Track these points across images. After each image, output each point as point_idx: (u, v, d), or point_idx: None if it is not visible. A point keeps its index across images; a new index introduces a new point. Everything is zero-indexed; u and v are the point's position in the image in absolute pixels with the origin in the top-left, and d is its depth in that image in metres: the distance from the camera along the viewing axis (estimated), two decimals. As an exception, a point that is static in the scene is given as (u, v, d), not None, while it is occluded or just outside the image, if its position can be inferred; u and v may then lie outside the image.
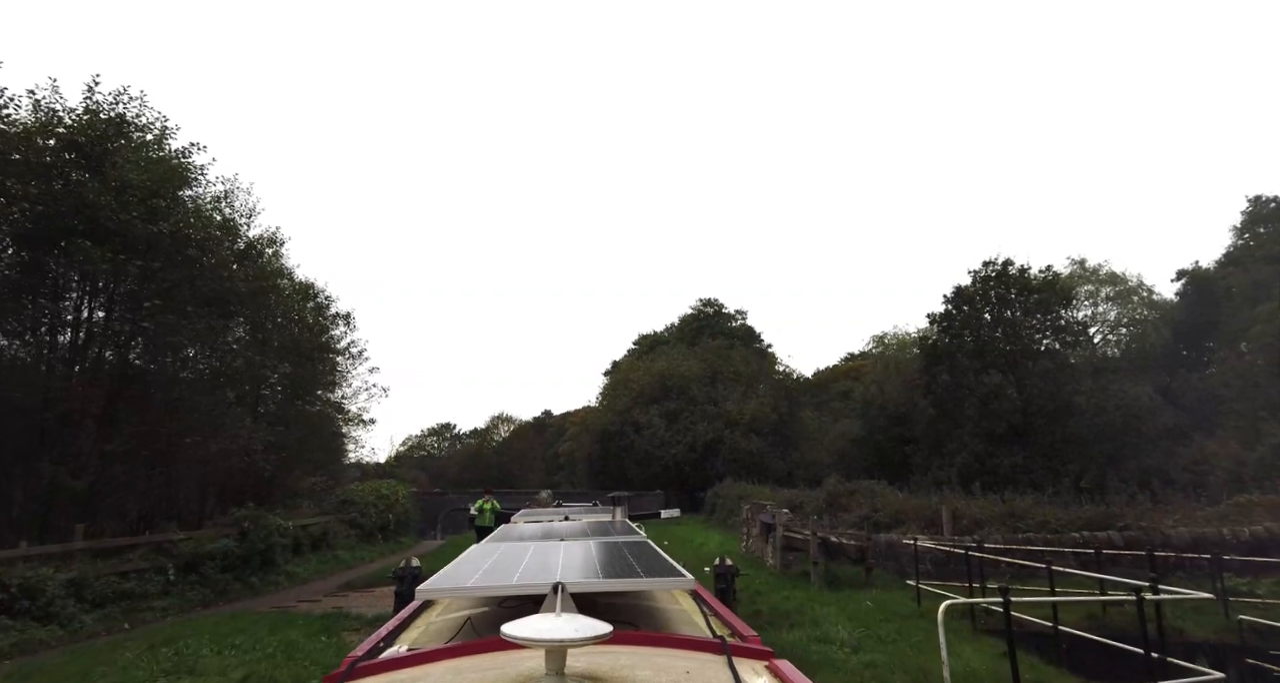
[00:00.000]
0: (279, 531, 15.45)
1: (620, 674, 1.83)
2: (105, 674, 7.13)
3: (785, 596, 12.56)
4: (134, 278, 13.97)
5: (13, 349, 14.73)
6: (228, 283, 18.31)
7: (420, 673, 1.97)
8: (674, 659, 2.05)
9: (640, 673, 1.85)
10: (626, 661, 1.96)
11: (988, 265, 39.81)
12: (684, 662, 2.02)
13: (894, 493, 18.19)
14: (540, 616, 1.87)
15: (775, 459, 46.40)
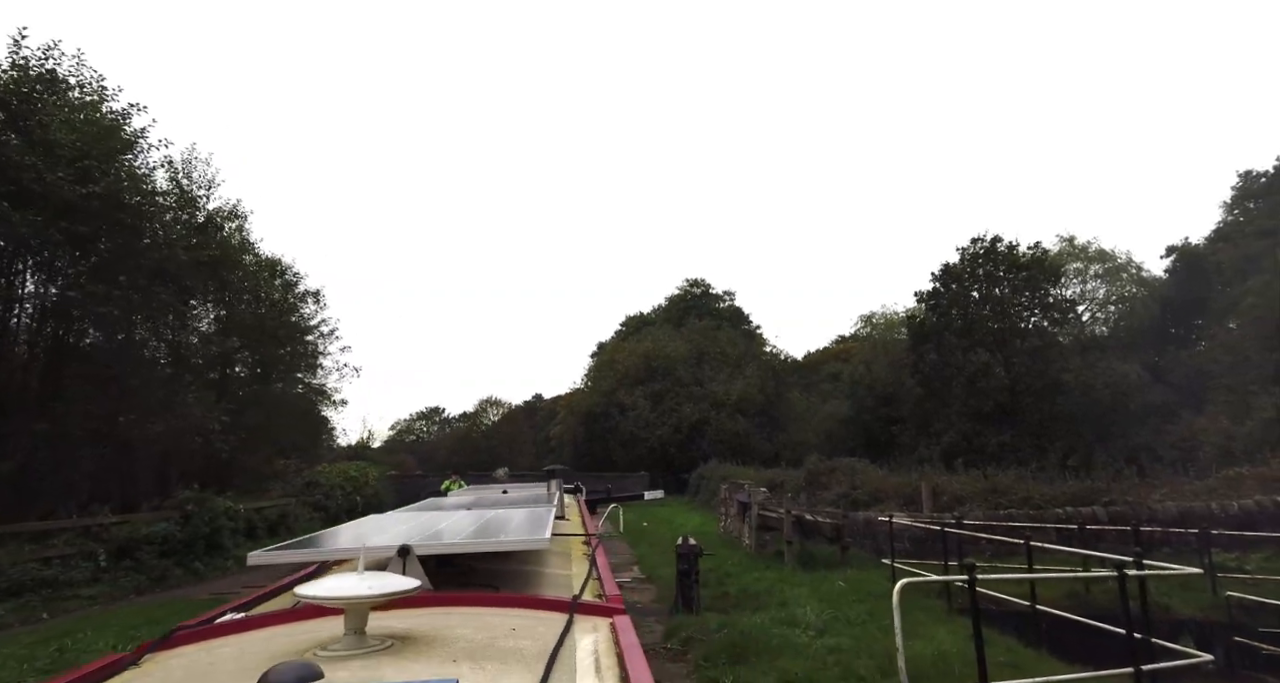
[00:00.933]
0: (227, 513, 14.66)
1: (437, 633, 1.80)
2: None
3: (757, 577, 11.93)
4: (58, 244, 13.03)
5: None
6: (179, 255, 17.39)
7: (232, 640, 1.93)
8: (509, 618, 2.02)
9: (460, 631, 1.83)
10: (453, 621, 1.93)
11: (976, 242, 39.29)
12: (521, 621, 2.00)
13: (875, 471, 17.58)
14: (341, 575, 1.78)
15: (762, 440, 45.94)
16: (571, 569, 3.51)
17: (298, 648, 1.70)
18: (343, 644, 1.66)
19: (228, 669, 1.68)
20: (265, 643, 1.84)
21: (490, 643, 1.80)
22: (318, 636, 1.81)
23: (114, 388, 15.02)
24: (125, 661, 1.80)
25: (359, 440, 33.59)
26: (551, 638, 1.83)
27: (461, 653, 1.71)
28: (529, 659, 1.68)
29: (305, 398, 28.13)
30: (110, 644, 7.38)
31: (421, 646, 1.73)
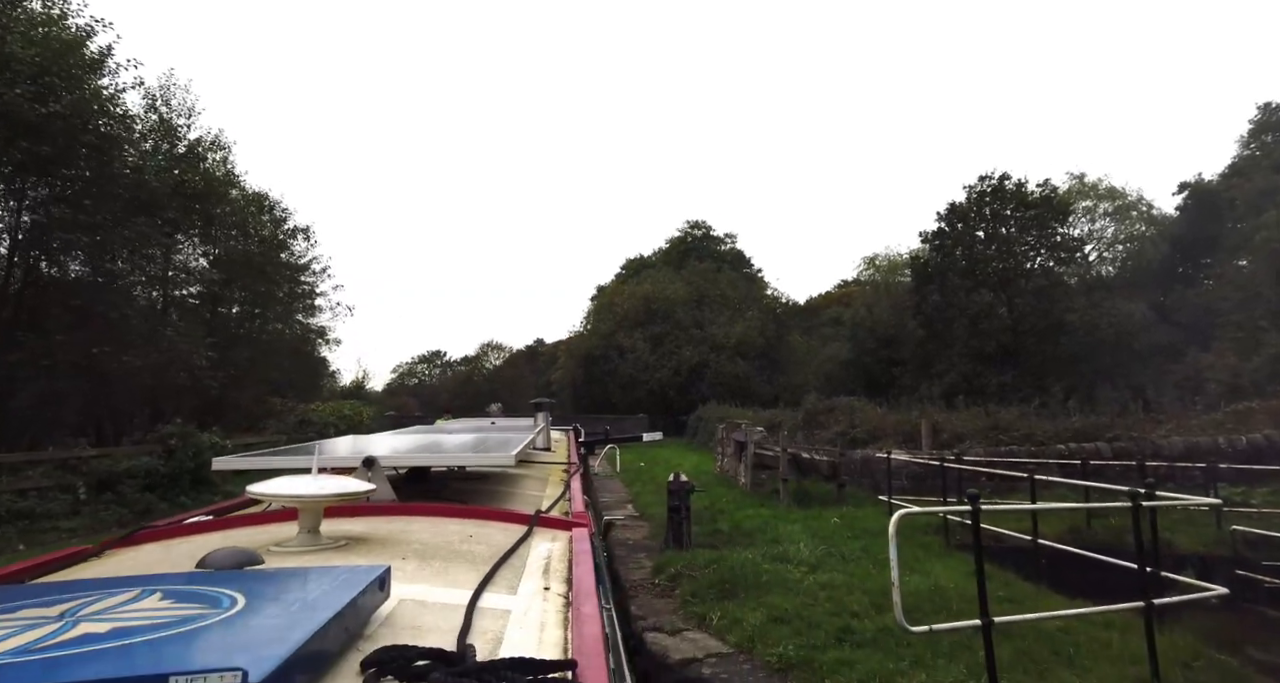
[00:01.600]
0: (213, 448, 14.38)
1: (392, 536, 1.84)
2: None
3: (750, 513, 11.70)
4: (19, 166, 12.31)
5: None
6: (159, 184, 16.66)
7: (190, 540, 1.96)
8: (468, 527, 2.06)
9: (417, 536, 1.89)
10: (412, 527, 1.97)
11: (983, 180, 38.29)
12: (479, 529, 2.04)
13: (874, 409, 17.24)
14: (295, 477, 1.80)
15: (762, 383, 45.83)
16: (545, 492, 3.52)
17: (253, 545, 1.67)
18: (295, 542, 1.67)
19: (180, 562, 1.69)
20: (221, 540, 1.86)
21: (444, 545, 1.82)
22: (275, 536, 1.83)
23: (97, 321, 14.58)
24: (86, 553, 1.83)
25: (354, 381, 33.30)
26: (503, 544, 1.87)
27: (412, 553, 1.71)
28: (478, 561, 1.69)
29: (299, 337, 27.76)
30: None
31: (374, 545, 1.74)
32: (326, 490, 1.66)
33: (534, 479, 3.90)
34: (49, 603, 1.06)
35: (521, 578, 1.63)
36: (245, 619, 0.99)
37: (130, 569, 1.69)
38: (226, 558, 1.38)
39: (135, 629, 0.92)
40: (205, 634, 0.92)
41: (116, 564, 1.76)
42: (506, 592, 1.51)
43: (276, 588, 1.15)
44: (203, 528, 2.11)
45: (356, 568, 1.29)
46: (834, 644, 5.14)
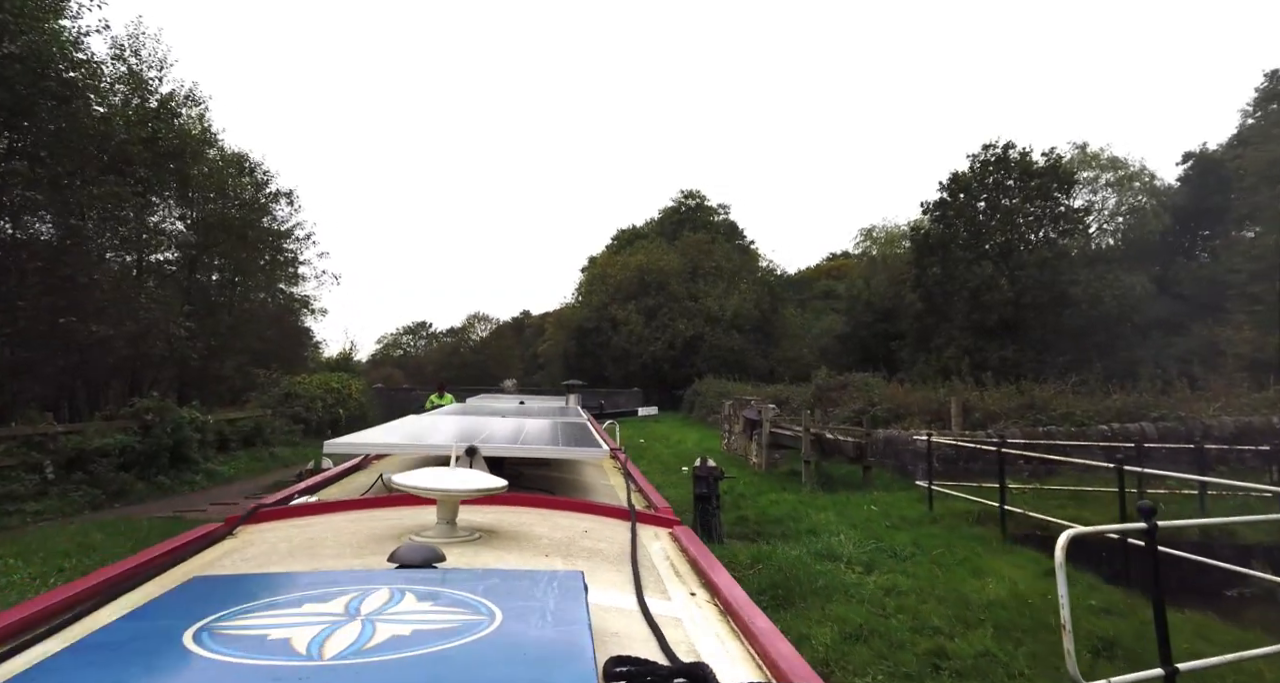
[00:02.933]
0: (193, 424, 13.42)
1: (516, 529, 1.86)
2: None
3: (773, 499, 10.95)
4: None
5: None
6: (128, 139, 15.39)
7: (315, 521, 2.01)
8: (578, 521, 2.10)
9: (537, 529, 1.90)
10: (524, 519, 2.00)
11: (987, 149, 37.42)
12: (588, 524, 2.07)
13: (896, 386, 16.46)
14: (434, 469, 1.85)
15: (757, 357, 45.22)
16: (609, 481, 3.54)
17: (391, 531, 1.78)
18: (435, 532, 1.70)
19: (328, 543, 1.73)
20: (356, 524, 1.91)
21: (570, 541, 1.83)
22: (403, 522, 1.88)
23: (65, 286, 13.46)
24: (218, 532, 1.86)
25: (341, 352, 32.18)
26: (622, 541, 1.88)
27: (548, 549, 1.74)
28: (611, 559, 1.72)
29: (281, 306, 26.61)
30: (33, 572, 6.19)
31: (506, 539, 1.77)
32: (469, 485, 1.68)
33: (591, 466, 3.85)
34: (320, 598, 1.04)
35: (663, 581, 1.62)
36: (521, 629, 0.97)
37: (273, 553, 1.69)
38: (416, 553, 1.34)
39: (430, 635, 0.91)
40: (506, 646, 0.91)
41: (264, 544, 1.78)
42: (660, 596, 1.47)
43: (512, 593, 1.11)
44: (327, 509, 2.14)
45: (559, 572, 1.27)
46: (930, 673, 4.38)
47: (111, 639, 0.91)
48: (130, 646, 0.89)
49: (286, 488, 2.96)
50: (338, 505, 2.18)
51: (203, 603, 1.02)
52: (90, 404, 16.88)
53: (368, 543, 1.67)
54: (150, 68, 19.88)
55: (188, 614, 0.97)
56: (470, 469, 1.90)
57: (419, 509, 1.96)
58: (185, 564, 1.60)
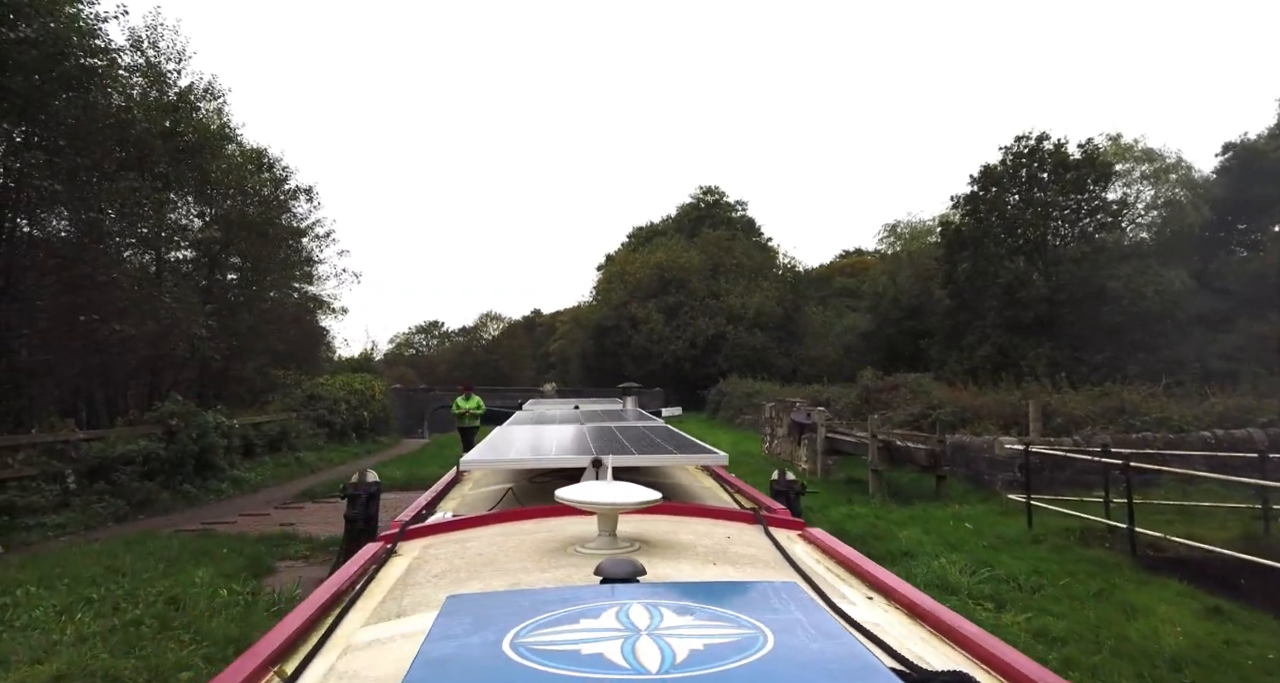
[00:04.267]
0: (218, 429, 12.74)
1: (665, 538, 1.86)
2: None
3: (844, 512, 10.15)
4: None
5: None
6: (149, 134, 14.73)
7: (471, 535, 2.05)
8: (714, 527, 2.09)
9: (683, 537, 1.91)
10: (664, 527, 2.00)
11: (1020, 141, 36.34)
12: (722, 529, 2.07)
13: (960, 387, 15.54)
14: (591, 483, 1.88)
15: (780, 356, 44.44)
16: (703, 483, 3.53)
17: (553, 543, 1.80)
18: (598, 543, 1.72)
19: (502, 557, 1.75)
20: (513, 538, 1.92)
21: (721, 549, 1.83)
22: (561, 534, 1.88)
23: (84, 285, 12.84)
24: (382, 552, 1.88)
25: (362, 352, 31.53)
26: (766, 546, 1.89)
27: (709, 556, 1.74)
28: (771, 564, 1.72)
29: (300, 305, 25.99)
30: (58, 604, 5.48)
31: (663, 549, 1.76)
32: (631, 498, 1.65)
33: (681, 470, 3.80)
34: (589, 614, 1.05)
35: (833, 586, 1.56)
36: (800, 642, 0.97)
37: (462, 568, 1.71)
38: (620, 567, 1.33)
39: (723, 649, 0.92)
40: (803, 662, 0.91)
41: (438, 563, 1.78)
42: (843, 602, 1.39)
43: (753, 606, 1.10)
44: (466, 525, 2.16)
45: (774, 583, 1.24)
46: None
47: (440, 654, 0.93)
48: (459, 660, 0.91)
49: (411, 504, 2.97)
50: (483, 519, 2.20)
51: (477, 620, 1.04)
52: (109, 408, 16.28)
53: (542, 556, 1.71)
54: (169, 60, 19.23)
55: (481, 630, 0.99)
56: (618, 482, 1.88)
57: (561, 520, 2.02)
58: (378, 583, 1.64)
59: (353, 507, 7.78)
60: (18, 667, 4.20)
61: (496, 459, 2.90)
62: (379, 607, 1.44)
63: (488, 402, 16.34)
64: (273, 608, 5.53)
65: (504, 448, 3.15)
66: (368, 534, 7.97)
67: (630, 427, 4.05)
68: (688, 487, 3.36)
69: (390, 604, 1.45)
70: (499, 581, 1.55)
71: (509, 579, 1.55)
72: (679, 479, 3.51)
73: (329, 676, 1.09)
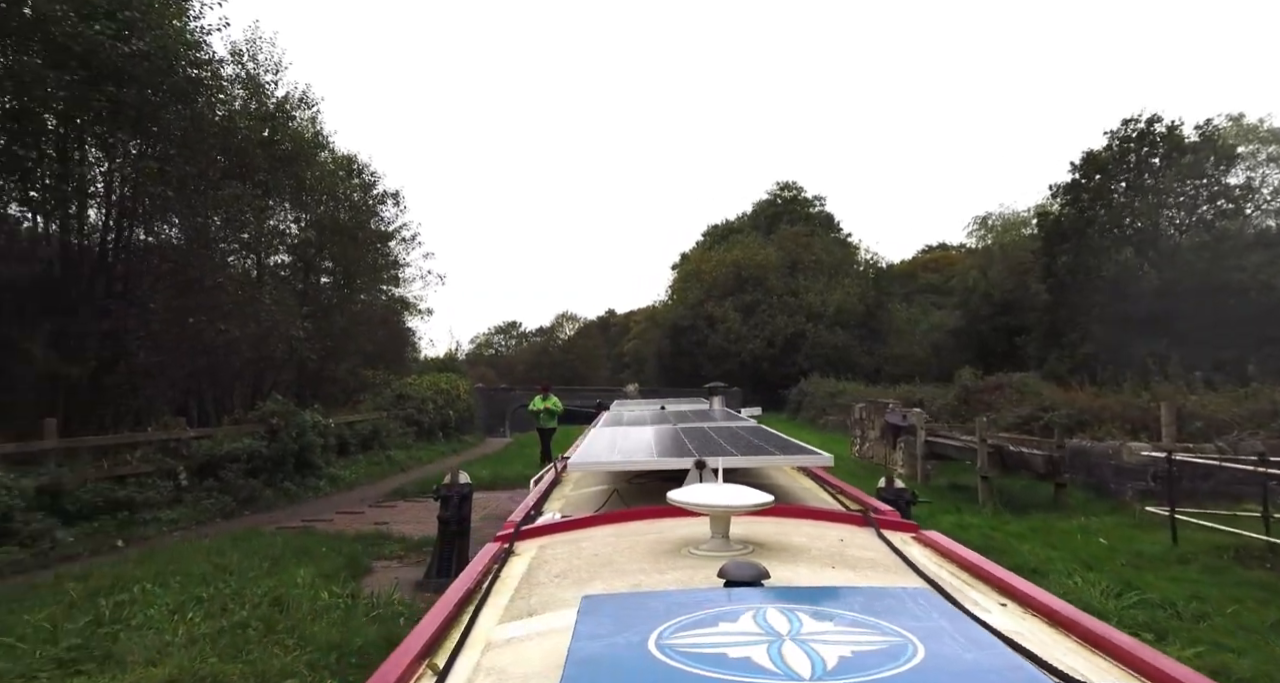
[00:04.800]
0: (315, 428, 13.10)
1: (778, 540, 1.84)
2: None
3: (953, 521, 9.45)
4: (101, 113, 10.93)
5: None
6: (251, 144, 15.37)
7: (582, 535, 2.06)
8: (824, 529, 2.06)
9: (796, 540, 1.87)
10: (775, 529, 1.97)
11: (1128, 124, 33.87)
12: (834, 531, 2.04)
13: (1076, 388, 14.39)
14: (703, 485, 1.89)
15: (862, 354, 43.03)
16: (802, 484, 3.47)
17: (667, 545, 1.79)
18: (712, 545, 1.71)
19: (619, 558, 1.75)
20: (626, 539, 1.93)
21: (837, 552, 1.80)
22: (673, 535, 1.87)
23: (193, 289, 13.50)
24: (501, 551, 1.91)
25: (447, 352, 32.27)
26: (878, 549, 1.85)
27: (826, 559, 1.70)
28: (892, 569, 1.67)
29: (388, 306, 26.76)
30: (171, 603, 5.55)
31: (778, 551, 1.74)
32: (746, 500, 1.64)
33: (778, 471, 3.71)
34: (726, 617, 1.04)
35: (962, 592, 1.48)
36: (951, 651, 0.93)
37: (582, 567, 1.71)
38: (744, 570, 1.31)
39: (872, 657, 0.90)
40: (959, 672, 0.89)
41: (557, 563, 1.79)
42: (978, 610, 1.30)
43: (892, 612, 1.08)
44: (578, 525, 2.16)
45: (908, 589, 1.24)
46: None
47: (590, 654, 0.93)
48: (609, 659, 0.91)
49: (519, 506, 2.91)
50: (594, 520, 2.20)
51: (617, 621, 1.04)
52: (217, 407, 17.06)
53: (658, 558, 1.69)
54: (266, 71, 20.08)
55: (624, 631, 0.99)
56: (729, 484, 1.86)
57: (671, 521, 2.01)
58: (502, 582, 1.66)
59: (446, 508, 7.73)
60: (133, 668, 4.22)
61: (601, 461, 2.90)
62: (509, 605, 1.46)
63: (565, 402, 16.34)
64: (372, 613, 5.46)
65: (606, 450, 3.19)
66: (460, 535, 7.93)
67: (723, 427, 4.01)
68: (787, 488, 3.26)
69: (520, 603, 1.47)
70: (620, 581, 1.55)
71: (630, 580, 1.54)
72: (777, 480, 3.42)
73: (477, 672, 1.11)
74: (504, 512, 11.57)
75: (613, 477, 3.38)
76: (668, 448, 3.03)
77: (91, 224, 12.63)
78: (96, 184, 12.96)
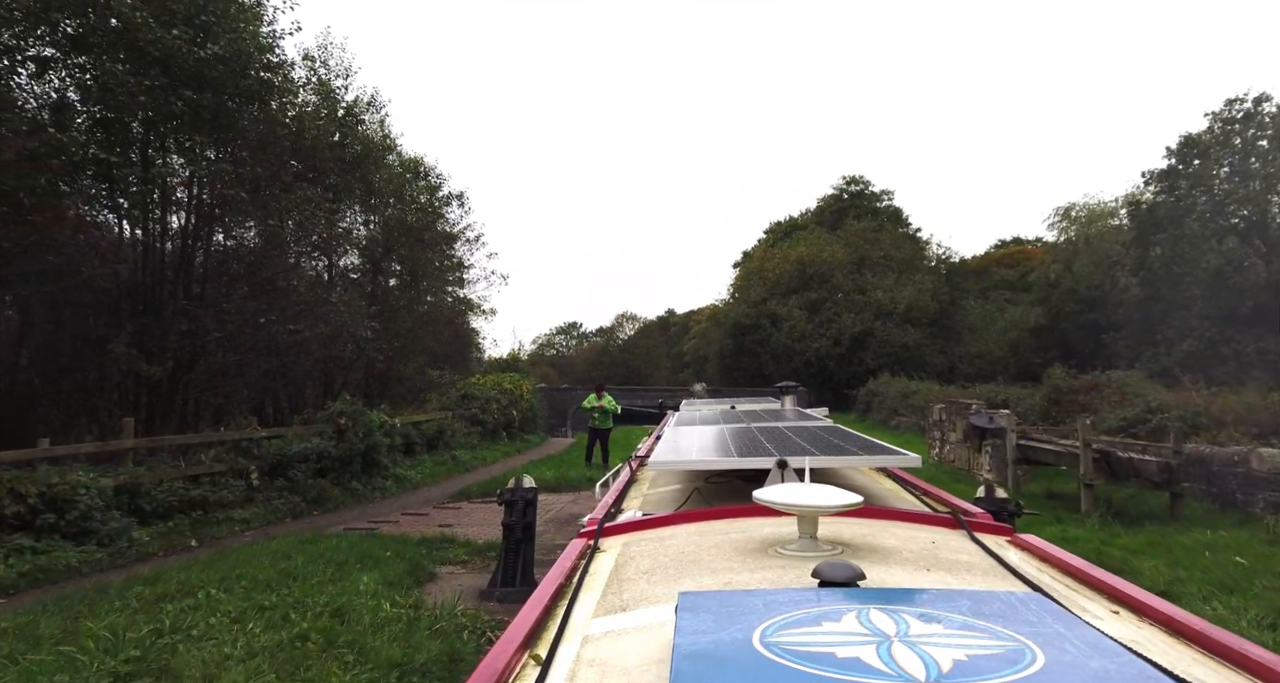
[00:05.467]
0: (382, 428, 13.11)
1: (866, 541, 1.82)
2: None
3: (1055, 532, 8.62)
4: (182, 117, 11.16)
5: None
6: (323, 148, 15.61)
7: (666, 533, 2.05)
8: (914, 531, 2.01)
9: (885, 541, 1.84)
10: (864, 531, 1.95)
11: (1232, 104, 31.36)
12: (924, 534, 1.98)
13: (1190, 389, 13.12)
14: (789, 484, 1.89)
15: (934, 353, 41.37)
16: (884, 485, 3.36)
17: (753, 543, 1.78)
18: (799, 545, 1.69)
19: (705, 555, 1.74)
20: (710, 537, 1.92)
21: (930, 554, 1.75)
22: (759, 534, 1.87)
23: (266, 290, 13.78)
24: (588, 548, 1.93)
25: (510, 352, 32.48)
26: (973, 552, 1.80)
27: (920, 562, 1.66)
28: (989, 571, 1.62)
29: (453, 307, 27.04)
30: (233, 610, 5.38)
31: (868, 552, 1.70)
32: (834, 501, 1.61)
33: (855, 469, 3.61)
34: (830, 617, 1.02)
35: (1068, 598, 1.42)
36: (1073, 659, 0.89)
37: (669, 565, 1.70)
38: (839, 571, 1.27)
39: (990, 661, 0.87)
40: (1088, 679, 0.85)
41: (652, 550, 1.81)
42: (1090, 617, 1.27)
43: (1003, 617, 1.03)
44: (661, 522, 2.16)
45: (1018, 593, 1.18)
46: None
47: (696, 649, 0.92)
48: (715, 655, 0.90)
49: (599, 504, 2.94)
50: (675, 518, 2.19)
51: (719, 617, 1.03)
52: (291, 407, 17.40)
53: (745, 556, 1.68)
54: (337, 76, 20.46)
55: (727, 627, 0.98)
56: (816, 484, 1.78)
57: (754, 521, 2.00)
58: (592, 576, 1.67)
59: (510, 514, 7.39)
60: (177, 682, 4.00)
61: (683, 460, 2.87)
62: (602, 600, 1.47)
63: (626, 401, 15.97)
64: (435, 626, 5.16)
65: (685, 449, 3.16)
66: (526, 541, 7.60)
67: (799, 427, 3.93)
68: (870, 489, 3.18)
69: (612, 598, 1.47)
70: (710, 579, 1.53)
71: (720, 579, 1.53)
72: (858, 481, 3.34)
73: (579, 663, 1.12)
74: (569, 515, 11.28)
75: (691, 475, 3.38)
76: (747, 447, 2.98)
77: (173, 228, 12.99)
78: (176, 190, 13.38)
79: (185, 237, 12.68)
